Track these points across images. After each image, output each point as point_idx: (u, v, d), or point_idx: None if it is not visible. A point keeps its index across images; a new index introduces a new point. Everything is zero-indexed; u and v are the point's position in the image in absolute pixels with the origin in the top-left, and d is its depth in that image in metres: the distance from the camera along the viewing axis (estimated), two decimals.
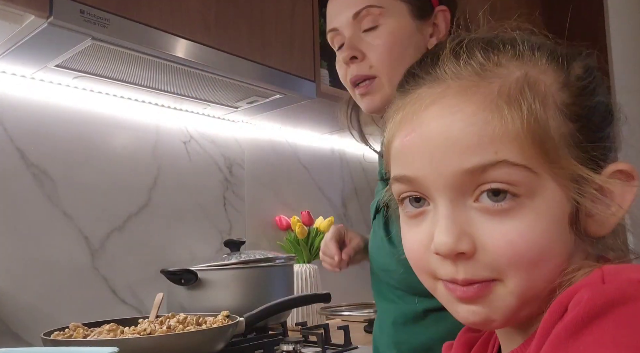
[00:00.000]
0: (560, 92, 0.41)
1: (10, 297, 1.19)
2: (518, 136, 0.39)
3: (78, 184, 1.33)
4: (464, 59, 0.42)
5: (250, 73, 1.31)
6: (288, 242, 1.77)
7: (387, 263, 0.88)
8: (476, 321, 0.42)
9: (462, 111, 0.40)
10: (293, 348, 1.13)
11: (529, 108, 0.39)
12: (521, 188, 0.39)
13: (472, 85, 0.41)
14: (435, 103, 0.42)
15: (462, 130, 0.40)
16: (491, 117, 0.39)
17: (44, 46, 1.06)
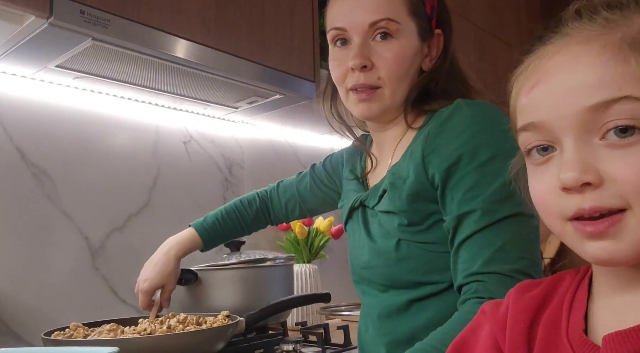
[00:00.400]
0: None
1: (11, 297, 1.19)
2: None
3: (78, 184, 1.33)
4: (587, 16, 0.44)
5: (250, 73, 1.31)
6: (288, 242, 1.77)
7: (367, 260, 0.91)
8: (605, 257, 0.41)
9: (585, 56, 0.42)
10: (293, 348, 1.13)
11: None
12: None
13: (595, 34, 0.42)
14: (559, 53, 0.44)
15: (585, 72, 0.41)
16: (614, 60, 0.40)
17: (44, 47, 1.06)
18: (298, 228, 1.71)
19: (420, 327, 0.83)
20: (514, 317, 0.50)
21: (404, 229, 0.84)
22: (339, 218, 2.01)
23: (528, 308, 0.50)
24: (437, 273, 0.83)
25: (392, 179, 0.87)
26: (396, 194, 0.85)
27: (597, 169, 0.40)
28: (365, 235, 0.92)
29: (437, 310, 0.83)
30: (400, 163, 0.87)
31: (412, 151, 0.85)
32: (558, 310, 0.48)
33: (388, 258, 0.86)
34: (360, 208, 0.94)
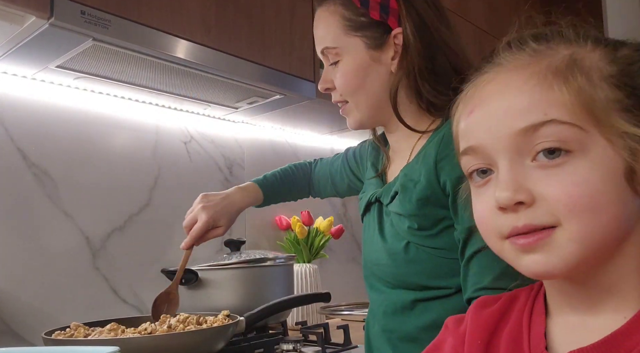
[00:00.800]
0: (607, 66, 0.45)
1: (11, 297, 1.19)
2: (565, 102, 0.43)
3: (79, 185, 1.33)
4: (517, 46, 0.48)
5: (250, 74, 1.32)
6: (288, 242, 1.78)
7: (378, 258, 0.91)
8: (539, 270, 0.44)
9: (514, 83, 0.46)
10: (293, 347, 1.13)
11: (574, 79, 0.44)
12: (573, 144, 0.42)
13: (524, 63, 0.46)
14: (492, 81, 0.48)
15: (514, 98, 0.45)
16: (540, 86, 0.44)
17: (45, 47, 1.06)
18: (298, 228, 1.71)
19: (424, 327, 0.83)
20: (471, 333, 0.51)
21: (414, 232, 0.84)
22: (339, 217, 2.03)
23: (485, 324, 0.51)
24: (444, 279, 0.83)
25: (403, 181, 0.87)
26: (406, 197, 0.85)
27: (529, 189, 0.43)
28: (378, 232, 0.92)
29: (442, 312, 0.82)
30: (413, 165, 0.87)
31: (425, 154, 0.85)
32: (518, 327, 0.49)
33: (397, 259, 0.86)
34: (377, 203, 0.95)
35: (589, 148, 0.42)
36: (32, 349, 0.97)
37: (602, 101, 0.43)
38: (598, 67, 0.44)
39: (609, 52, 0.45)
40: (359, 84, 0.91)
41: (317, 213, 1.84)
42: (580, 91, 0.43)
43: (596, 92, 0.43)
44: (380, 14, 0.88)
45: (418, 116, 0.91)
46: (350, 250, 2.04)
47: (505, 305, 0.52)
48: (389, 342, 0.89)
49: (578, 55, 0.45)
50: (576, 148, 0.42)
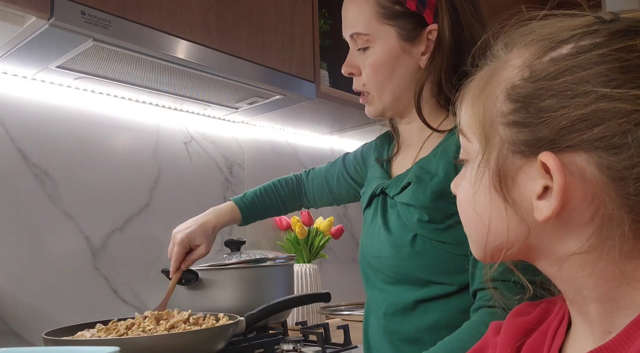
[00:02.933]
0: (517, 76, 0.44)
1: (12, 297, 1.19)
2: (467, 115, 0.48)
3: (79, 185, 1.33)
4: (500, 49, 0.50)
5: (250, 74, 1.32)
6: (288, 242, 1.78)
7: (379, 250, 0.90)
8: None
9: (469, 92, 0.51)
10: (293, 347, 1.13)
11: (483, 92, 0.47)
12: (466, 154, 0.50)
13: (484, 71, 0.50)
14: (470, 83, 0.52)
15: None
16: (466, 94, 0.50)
17: (45, 47, 1.06)
18: (298, 228, 1.71)
19: (426, 328, 0.83)
20: (502, 342, 0.51)
21: (423, 225, 0.83)
22: (339, 218, 2.03)
23: (516, 332, 0.51)
24: (448, 275, 0.83)
25: (418, 173, 0.86)
26: (421, 189, 0.84)
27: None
28: (382, 224, 0.91)
29: (443, 313, 0.82)
30: (430, 158, 0.87)
31: (445, 149, 0.85)
32: (542, 337, 0.49)
33: (401, 251, 0.86)
34: (381, 195, 0.94)
35: (472, 156, 0.48)
36: (32, 349, 0.97)
37: (492, 114, 0.44)
38: (508, 78, 0.44)
39: (533, 57, 0.44)
40: (386, 75, 0.90)
41: (317, 213, 1.84)
42: (475, 103, 0.47)
43: (491, 105, 0.45)
44: (417, 5, 0.87)
45: (435, 110, 0.91)
46: (350, 250, 2.04)
47: (540, 313, 0.51)
48: (390, 342, 0.88)
49: (505, 63, 0.46)
50: (467, 157, 0.49)
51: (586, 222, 0.40)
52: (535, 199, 0.42)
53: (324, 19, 1.71)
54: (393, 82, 0.90)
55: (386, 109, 0.94)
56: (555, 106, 0.40)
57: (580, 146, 0.39)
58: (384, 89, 0.91)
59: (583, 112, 0.39)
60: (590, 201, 0.40)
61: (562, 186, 0.39)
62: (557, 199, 0.40)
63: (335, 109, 1.66)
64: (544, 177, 0.41)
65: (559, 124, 0.40)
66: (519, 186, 0.43)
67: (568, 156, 0.40)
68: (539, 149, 0.41)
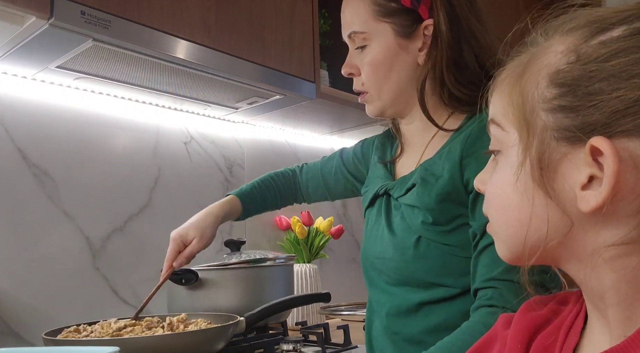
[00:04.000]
0: (561, 61, 0.42)
1: (11, 297, 1.19)
2: (503, 103, 0.46)
3: (79, 185, 1.33)
4: (534, 38, 0.47)
5: (250, 74, 1.32)
6: (288, 242, 1.78)
7: (383, 251, 0.90)
8: None
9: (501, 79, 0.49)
10: (293, 347, 1.13)
11: (519, 80, 0.45)
12: (498, 145, 0.47)
13: (519, 60, 0.47)
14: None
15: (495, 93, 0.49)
16: (500, 85, 0.47)
17: (45, 47, 1.06)
18: (298, 228, 1.71)
19: (429, 330, 0.83)
20: (513, 337, 0.49)
21: (427, 227, 0.83)
22: (339, 218, 2.03)
23: (527, 328, 0.49)
24: (452, 277, 0.82)
25: (424, 174, 0.86)
26: (426, 191, 0.84)
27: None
28: (386, 225, 0.91)
29: (447, 315, 0.82)
30: (435, 160, 0.86)
31: (450, 150, 0.84)
32: (555, 334, 0.47)
33: (405, 253, 0.86)
34: (385, 196, 0.94)
35: (508, 146, 0.45)
36: (32, 349, 0.97)
37: (534, 100, 0.42)
38: (551, 63, 0.42)
39: (579, 42, 0.41)
40: (385, 72, 0.90)
41: (317, 213, 1.84)
42: (512, 91, 0.44)
43: (531, 92, 0.43)
44: (412, 1, 0.87)
45: (438, 108, 0.90)
46: (350, 250, 2.04)
47: (552, 309, 0.50)
48: (393, 343, 0.88)
49: (546, 49, 0.44)
50: (500, 148, 0.46)
51: (631, 213, 0.38)
52: (579, 189, 0.39)
53: (324, 19, 1.71)
54: (392, 80, 0.90)
55: (386, 108, 0.93)
56: (608, 89, 0.38)
57: (634, 130, 0.37)
58: (383, 87, 0.91)
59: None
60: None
61: (615, 172, 0.37)
62: (609, 186, 0.37)
63: (335, 109, 1.66)
64: (590, 165, 0.38)
65: (612, 107, 0.37)
66: (562, 175, 0.40)
67: (620, 141, 0.37)
68: (589, 134, 0.38)
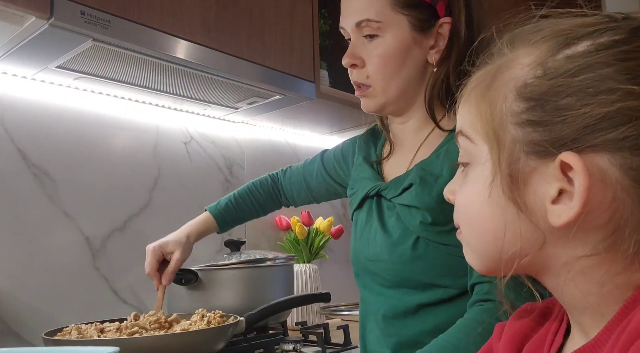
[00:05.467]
0: (528, 74, 0.41)
1: (11, 297, 1.19)
2: (471, 114, 0.45)
3: (79, 185, 1.33)
4: (499, 48, 0.47)
5: (250, 74, 1.32)
6: (288, 242, 1.78)
7: (376, 253, 0.88)
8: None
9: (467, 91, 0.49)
10: (293, 347, 1.13)
11: (487, 93, 0.44)
12: (468, 157, 0.46)
13: (484, 71, 0.47)
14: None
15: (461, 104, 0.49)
16: (467, 95, 0.47)
17: (45, 47, 1.06)
18: (298, 228, 1.71)
19: (428, 332, 0.81)
20: (503, 346, 0.50)
21: (426, 227, 0.82)
22: (339, 218, 2.02)
23: (517, 335, 0.49)
24: (451, 278, 0.81)
25: (422, 174, 0.84)
26: (425, 191, 0.83)
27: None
28: (379, 226, 0.89)
29: (446, 317, 0.81)
30: (432, 160, 0.85)
31: (448, 150, 0.83)
32: (542, 341, 0.47)
33: (402, 255, 0.84)
34: (376, 197, 0.92)
35: (478, 159, 0.44)
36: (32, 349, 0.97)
37: (502, 113, 0.42)
38: (518, 76, 0.42)
39: (545, 55, 0.41)
40: (395, 67, 0.86)
41: (317, 213, 1.84)
42: (479, 103, 0.44)
43: (499, 105, 0.42)
44: None
45: (435, 107, 0.88)
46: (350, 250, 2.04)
47: (540, 314, 0.50)
48: (389, 346, 0.87)
49: (512, 62, 0.43)
50: (469, 160, 0.45)
51: (599, 226, 0.38)
52: (549, 203, 0.39)
53: (324, 19, 1.71)
54: (401, 75, 0.86)
55: (388, 104, 0.89)
56: (577, 104, 0.38)
57: (603, 146, 0.37)
58: (392, 81, 0.87)
59: (608, 110, 0.37)
60: (608, 204, 0.37)
61: (587, 189, 0.37)
62: (580, 202, 0.37)
63: (335, 109, 1.66)
64: (560, 180, 0.39)
65: (581, 123, 0.37)
66: (533, 189, 0.40)
67: (589, 156, 0.37)
68: (558, 149, 0.38)
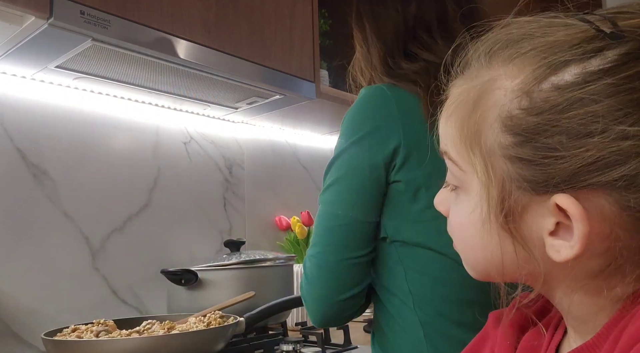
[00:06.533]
0: (513, 103, 0.39)
1: (11, 297, 1.19)
2: (453, 136, 0.43)
3: (78, 185, 1.33)
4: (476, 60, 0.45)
5: (250, 74, 1.31)
6: (288, 242, 1.77)
7: None
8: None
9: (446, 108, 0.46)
10: (293, 348, 1.13)
11: (471, 114, 0.42)
12: (455, 181, 0.44)
13: (462, 84, 0.45)
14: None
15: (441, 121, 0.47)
16: (449, 113, 0.45)
17: (44, 47, 1.06)
18: (298, 228, 1.71)
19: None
20: (502, 334, 0.49)
21: None
22: None
23: (515, 325, 0.49)
24: None
25: None
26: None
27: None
28: None
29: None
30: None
31: None
32: (542, 333, 0.47)
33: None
34: None
35: (468, 188, 0.43)
36: None
37: (489, 143, 0.40)
38: (501, 104, 0.39)
39: (530, 82, 0.38)
40: None
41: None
42: (463, 129, 0.41)
43: (486, 134, 0.40)
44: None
45: None
46: None
47: (541, 306, 0.49)
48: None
49: (492, 84, 0.40)
50: (459, 185, 0.44)
51: (600, 253, 0.37)
52: (547, 236, 0.38)
53: (324, 19, 1.71)
54: None
55: None
56: (567, 145, 0.36)
57: (598, 185, 0.36)
58: None
59: (601, 154, 0.35)
60: (606, 237, 0.37)
61: (586, 234, 0.36)
62: (580, 244, 0.36)
63: (335, 109, 1.66)
64: (556, 215, 0.37)
65: (574, 164, 0.36)
66: (528, 223, 0.39)
67: (585, 195, 0.36)
68: (552, 189, 0.37)
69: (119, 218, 1.40)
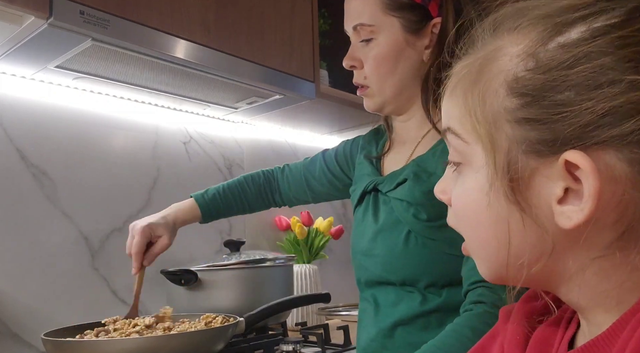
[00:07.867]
0: (518, 66, 0.39)
1: (10, 298, 1.19)
2: (459, 110, 0.42)
3: (78, 185, 1.33)
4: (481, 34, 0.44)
5: (249, 74, 1.31)
6: (288, 242, 1.77)
7: (370, 247, 0.91)
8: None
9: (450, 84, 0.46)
10: (293, 348, 1.13)
11: (475, 86, 0.41)
12: (460, 157, 0.43)
13: (468, 58, 0.44)
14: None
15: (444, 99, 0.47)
16: (451, 90, 0.44)
17: (44, 47, 1.06)
18: (298, 228, 1.71)
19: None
20: (512, 328, 0.49)
21: (418, 221, 0.84)
22: (339, 218, 2.02)
23: (526, 318, 0.48)
24: (437, 275, 0.83)
25: (416, 170, 0.86)
26: (417, 186, 0.85)
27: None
28: (373, 220, 0.91)
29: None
30: (428, 157, 0.87)
31: (445, 148, 0.84)
32: (555, 326, 0.46)
33: (393, 247, 0.86)
34: (373, 192, 0.94)
35: (472, 160, 0.42)
36: None
37: (493, 110, 0.39)
38: (507, 69, 0.39)
39: (535, 44, 0.38)
40: (389, 68, 0.89)
41: (317, 213, 1.84)
42: (467, 99, 0.41)
43: (490, 101, 0.39)
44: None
45: (432, 106, 0.90)
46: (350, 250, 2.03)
47: (553, 299, 0.48)
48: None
49: (497, 52, 0.40)
50: (462, 160, 0.43)
51: (610, 224, 0.36)
52: (555, 203, 0.37)
53: (324, 19, 1.71)
54: (395, 76, 0.90)
55: (386, 104, 0.93)
56: (576, 99, 0.35)
57: (609, 141, 0.35)
58: (386, 82, 0.90)
59: (612, 105, 0.34)
60: (618, 201, 0.35)
61: (598, 190, 0.35)
62: (591, 203, 0.35)
63: (335, 109, 1.66)
64: (565, 178, 0.36)
65: (583, 119, 0.35)
66: (535, 191, 0.38)
67: (595, 153, 0.35)
68: (561, 148, 0.36)
69: (119, 218, 1.40)
